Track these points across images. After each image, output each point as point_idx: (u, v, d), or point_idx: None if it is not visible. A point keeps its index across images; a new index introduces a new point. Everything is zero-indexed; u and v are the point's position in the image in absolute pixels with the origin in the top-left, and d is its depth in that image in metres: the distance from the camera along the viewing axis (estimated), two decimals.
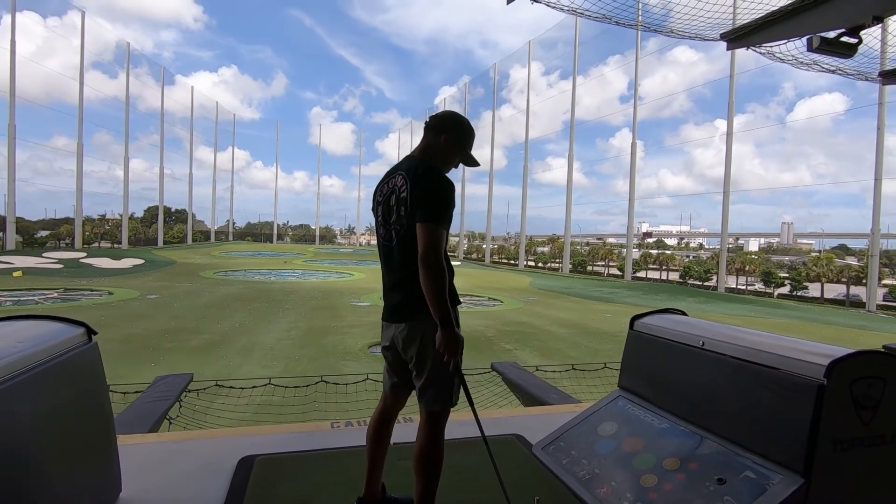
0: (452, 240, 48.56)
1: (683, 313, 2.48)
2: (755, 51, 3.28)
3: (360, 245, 59.17)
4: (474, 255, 43.49)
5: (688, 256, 37.11)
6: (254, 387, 4.99)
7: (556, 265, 34.87)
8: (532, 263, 37.24)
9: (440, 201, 1.70)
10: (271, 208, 57.44)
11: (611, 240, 44.85)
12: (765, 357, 1.74)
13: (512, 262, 38.09)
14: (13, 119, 27.70)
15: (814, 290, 29.62)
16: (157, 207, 42.68)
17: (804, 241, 40.29)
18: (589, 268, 33.36)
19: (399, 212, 1.77)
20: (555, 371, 5.54)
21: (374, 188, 1.94)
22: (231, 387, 4.79)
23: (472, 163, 1.95)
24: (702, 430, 1.94)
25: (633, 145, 27.14)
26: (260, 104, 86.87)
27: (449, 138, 1.85)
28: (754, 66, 23.51)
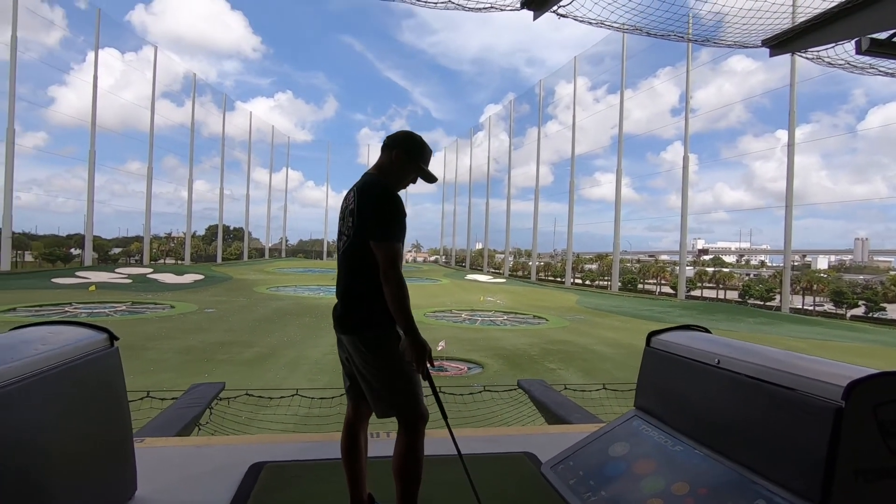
0: (498, 256, 48.33)
1: (706, 330, 2.37)
2: (801, 56, 3.11)
3: (407, 262, 60.00)
4: (520, 273, 43.02)
5: (748, 274, 35.07)
6: (281, 397, 5.15)
7: (605, 283, 33.87)
8: (579, 281, 36.35)
9: (388, 218, 1.75)
10: (322, 226, 59.69)
11: (663, 257, 43.16)
12: (781, 376, 1.63)
13: (558, 279, 37.36)
14: (94, 146, 30.37)
15: (893, 311, 27.14)
16: (216, 226, 45.22)
17: (881, 258, 37.20)
18: (640, 286, 32.17)
19: (347, 224, 1.86)
20: (584, 390, 5.40)
21: None
22: (260, 396, 4.98)
23: (429, 178, 1.98)
24: (716, 454, 1.82)
25: (686, 159, 26.21)
26: (312, 126, 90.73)
27: (399, 153, 1.90)
28: (818, 74, 22.23)
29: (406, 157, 1.90)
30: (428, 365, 1.72)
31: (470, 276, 38.26)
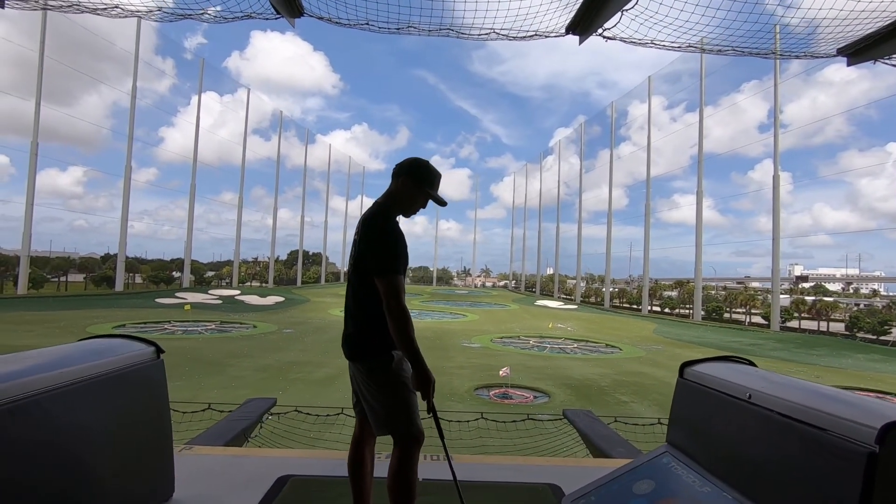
0: (569, 282, 46.96)
1: (750, 363, 2.18)
2: (886, 63, 2.80)
3: (476, 287, 59.95)
4: (592, 299, 41.44)
5: (857, 305, 31.25)
6: (328, 415, 5.32)
7: (686, 311, 31.70)
8: (657, 309, 34.30)
9: (386, 251, 1.81)
10: None
11: (754, 284, 39.71)
12: (813, 415, 1.47)
13: (634, 306, 35.51)
14: (194, 180, 33.78)
15: None
16: (297, 251, 48.10)
17: None
18: (726, 315, 29.71)
19: (352, 252, 1.94)
20: (637, 423, 5.04)
21: None
22: (308, 413, 5.18)
23: (438, 202, 2.01)
24: (744, 498, 1.66)
25: (776, 177, 24.23)
26: (385, 156, 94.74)
27: (406, 180, 1.96)
28: None
29: (412, 183, 1.96)
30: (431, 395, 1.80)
31: (540, 302, 37.43)
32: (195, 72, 35.77)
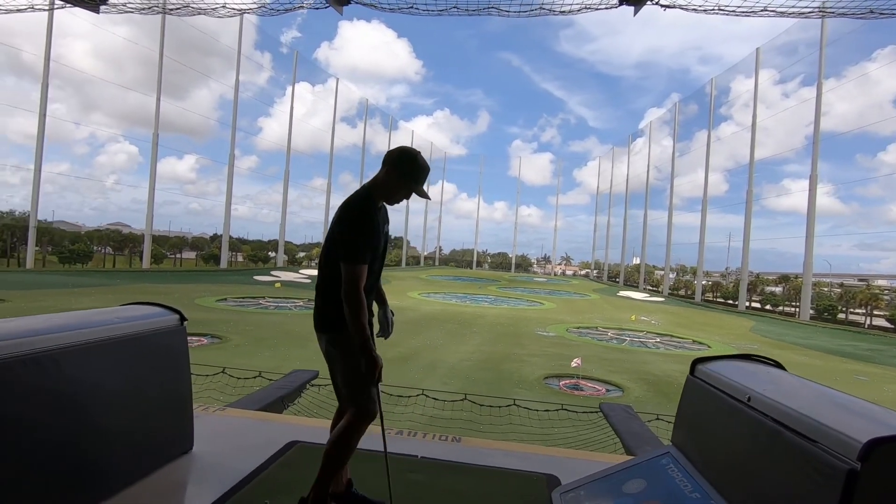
0: (657, 273, 44.38)
1: (777, 364, 2.00)
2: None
3: (555, 274, 58.66)
4: (682, 292, 38.85)
5: None
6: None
7: (792, 309, 28.71)
8: (757, 305, 31.39)
9: (352, 240, 1.87)
10: (473, 236, 61.65)
11: (880, 282, 34.91)
12: (805, 424, 1.37)
13: (730, 301, 32.80)
14: (288, 166, 36.19)
15: None
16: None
17: None
18: (841, 315, 26.48)
19: (327, 235, 2.02)
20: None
21: None
22: (331, 389, 5.46)
23: (421, 195, 2.05)
24: None
25: None
26: (466, 141, 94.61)
27: (389, 171, 2.00)
28: None
29: (396, 175, 2.00)
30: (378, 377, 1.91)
31: (623, 293, 35.81)
32: (290, 64, 38.08)
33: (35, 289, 16.38)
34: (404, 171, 2.01)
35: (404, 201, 2.15)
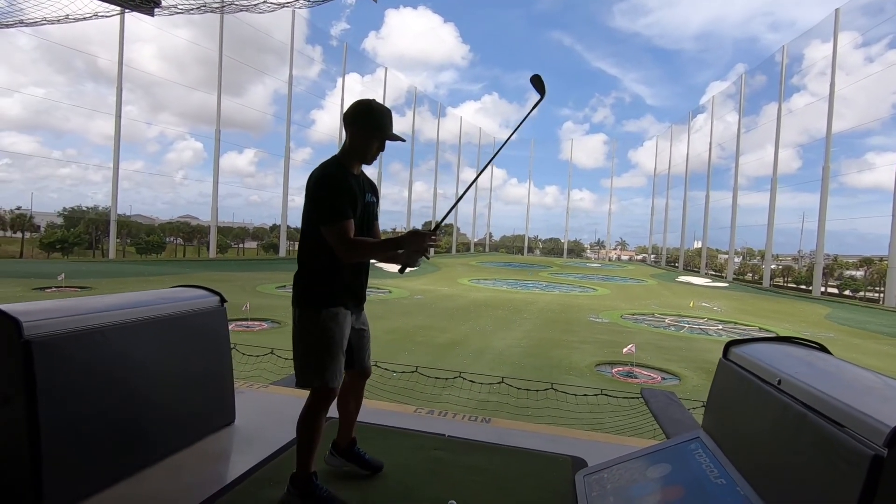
0: (721, 257, 42.06)
1: (822, 348, 1.86)
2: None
3: (609, 260, 56.88)
4: (748, 277, 36.58)
5: None
6: (403, 371, 5.70)
7: (875, 294, 26.33)
8: (834, 290, 29.04)
9: (322, 201, 1.85)
10: (523, 222, 60.84)
11: None
12: (832, 408, 1.29)
13: (802, 287, 30.54)
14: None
15: None
16: (430, 223, 50.43)
17: None
18: None
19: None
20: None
21: None
22: (386, 369, 5.63)
23: (394, 139, 2.02)
24: (756, 496, 1.49)
25: None
26: (515, 125, 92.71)
27: (355, 131, 1.96)
28: None
29: (362, 130, 1.95)
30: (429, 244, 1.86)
31: (682, 278, 34.21)
32: (339, 56, 38.81)
33: (117, 277, 17.84)
34: (368, 124, 1.96)
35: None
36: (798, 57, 32.39)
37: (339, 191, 1.88)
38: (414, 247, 1.85)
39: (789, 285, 32.32)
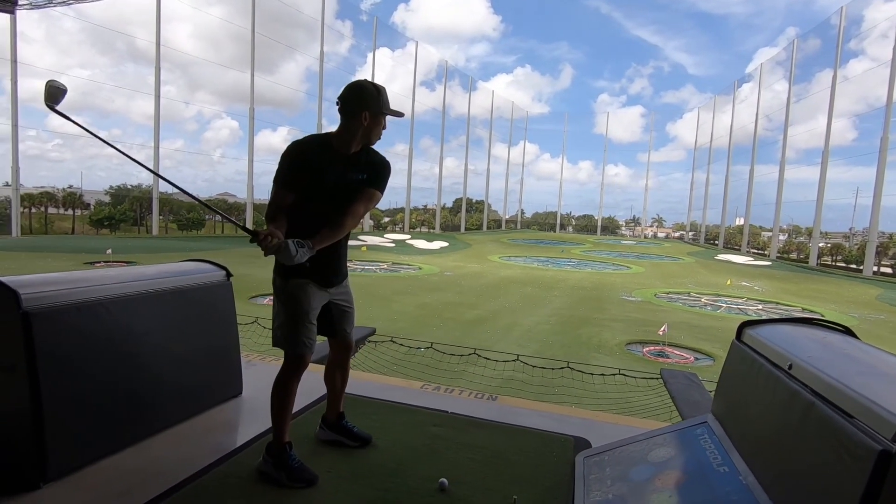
0: (764, 235, 40.22)
1: (847, 331, 1.71)
2: None
3: (645, 237, 55.31)
4: (794, 255, 34.88)
5: None
6: (419, 348, 5.68)
7: None
8: (888, 270, 27.36)
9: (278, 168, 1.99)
10: (556, 198, 59.68)
11: None
12: (843, 396, 1.18)
13: (853, 266, 28.90)
14: None
15: None
16: (461, 199, 50.10)
17: None
18: None
19: None
20: None
21: None
22: (401, 344, 5.59)
23: (394, 113, 2.06)
24: (759, 486, 1.40)
25: None
26: (549, 98, 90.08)
27: (368, 116, 1.98)
28: None
29: (372, 115, 1.99)
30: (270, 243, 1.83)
31: (722, 256, 32.97)
32: (369, 31, 38.39)
33: (160, 252, 18.58)
34: (379, 105, 2.01)
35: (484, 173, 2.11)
36: (857, 19, 29.92)
37: (286, 162, 1.98)
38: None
39: (838, 264, 30.65)
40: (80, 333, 1.87)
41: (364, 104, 1.98)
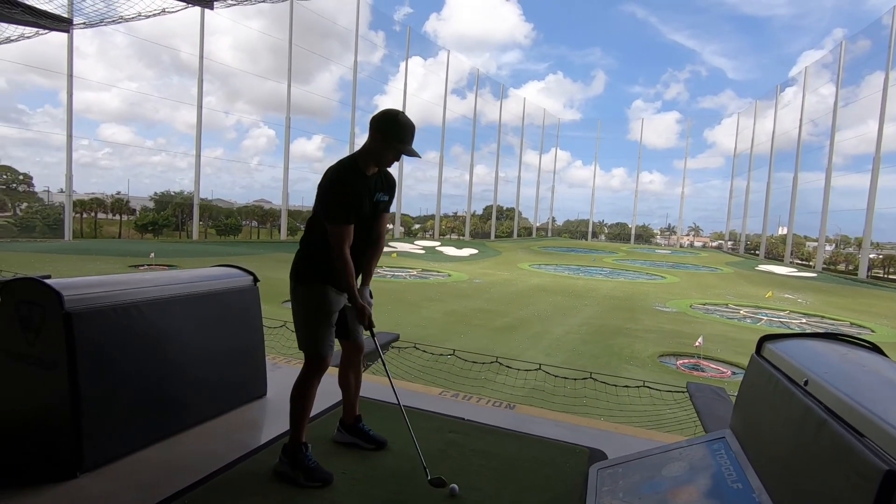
0: (809, 245, 38.42)
1: (875, 348, 1.64)
2: None
3: (681, 246, 53.72)
4: (842, 267, 33.16)
5: None
6: (441, 354, 5.64)
7: None
8: None
9: (327, 202, 2.01)
10: (588, 206, 58.74)
11: None
12: (855, 414, 1.15)
13: None
14: None
15: None
16: (491, 206, 49.98)
17: None
18: None
19: None
20: None
21: None
22: (423, 351, 5.59)
23: (410, 154, 2.10)
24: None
25: None
26: (581, 104, 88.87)
27: (375, 136, 2.07)
28: None
29: (381, 138, 2.05)
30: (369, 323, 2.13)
31: (763, 267, 31.67)
32: (402, 40, 38.99)
33: (199, 256, 19.30)
34: (389, 134, 2.07)
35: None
36: None
37: (344, 195, 2.02)
38: (355, 313, 2.13)
39: (891, 276, 28.97)
40: (117, 333, 1.99)
41: (379, 126, 2.09)
